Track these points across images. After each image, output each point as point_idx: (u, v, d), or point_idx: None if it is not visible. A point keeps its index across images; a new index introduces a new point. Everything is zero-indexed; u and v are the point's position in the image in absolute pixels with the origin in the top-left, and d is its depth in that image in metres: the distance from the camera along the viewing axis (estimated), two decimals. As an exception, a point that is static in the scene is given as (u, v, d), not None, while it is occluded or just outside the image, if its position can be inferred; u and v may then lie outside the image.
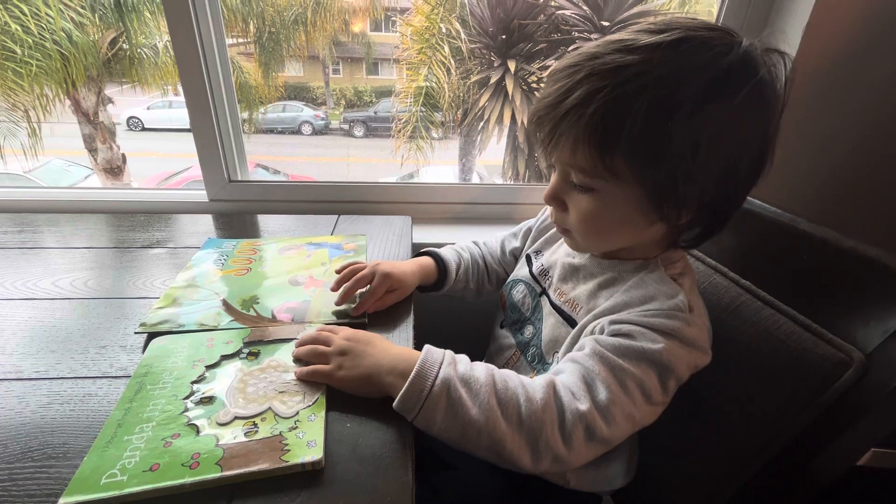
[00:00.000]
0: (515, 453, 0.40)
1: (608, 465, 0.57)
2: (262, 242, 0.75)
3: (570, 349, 0.49)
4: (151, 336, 0.51)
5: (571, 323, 0.52)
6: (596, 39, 0.45)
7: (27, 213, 0.84)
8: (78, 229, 0.78)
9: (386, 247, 0.76)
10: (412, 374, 0.41)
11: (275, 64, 5.62)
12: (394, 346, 0.47)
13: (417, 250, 0.80)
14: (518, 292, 0.63)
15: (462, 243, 0.74)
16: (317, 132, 7.72)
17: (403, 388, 0.40)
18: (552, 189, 0.48)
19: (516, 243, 0.71)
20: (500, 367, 0.60)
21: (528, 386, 0.42)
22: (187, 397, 0.42)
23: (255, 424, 0.40)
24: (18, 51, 3.76)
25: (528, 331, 0.60)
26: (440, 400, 0.40)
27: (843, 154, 0.78)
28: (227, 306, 0.57)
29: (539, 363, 0.56)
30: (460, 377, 0.41)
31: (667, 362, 0.42)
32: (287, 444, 0.38)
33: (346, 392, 0.44)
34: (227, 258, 0.69)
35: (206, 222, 0.84)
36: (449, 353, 0.44)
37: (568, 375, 0.43)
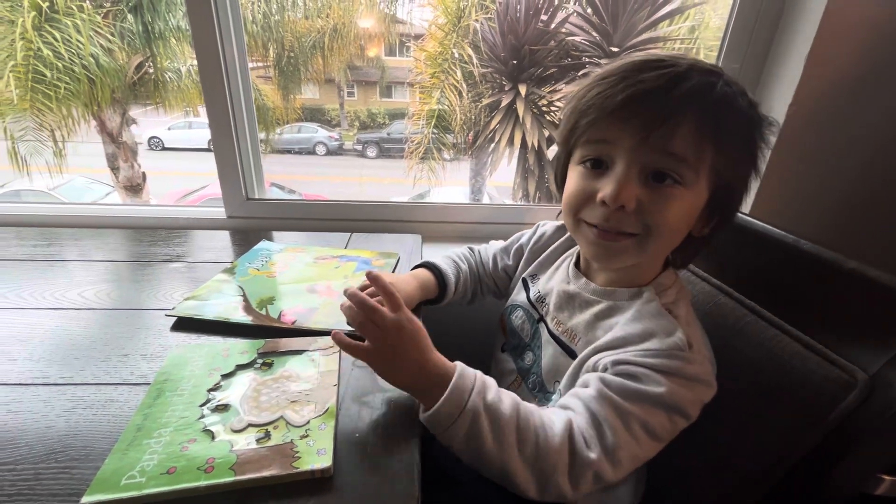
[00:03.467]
0: (523, 486, 0.42)
1: (616, 489, 0.57)
2: (304, 249, 0.80)
3: (571, 382, 0.50)
4: (182, 320, 0.58)
5: (571, 354, 0.52)
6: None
7: (54, 227, 0.88)
8: (102, 243, 0.82)
9: (397, 264, 0.78)
10: (442, 399, 0.41)
11: (293, 87, 5.81)
12: (431, 351, 0.44)
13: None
14: (517, 317, 0.64)
15: (459, 251, 0.74)
16: (331, 152, 7.88)
17: (431, 411, 0.41)
18: (627, 186, 0.43)
19: (508, 261, 0.71)
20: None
21: (548, 427, 0.42)
22: (203, 404, 0.44)
23: (267, 432, 0.41)
24: (48, 74, 3.95)
25: (529, 357, 0.60)
26: (463, 428, 0.41)
27: (846, 176, 0.79)
28: (246, 303, 0.61)
29: (540, 391, 0.57)
30: (486, 408, 0.41)
31: (672, 403, 0.42)
32: (297, 452, 0.39)
33: (373, 370, 0.45)
34: (268, 259, 0.75)
35: (223, 238, 0.87)
36: (479, 377, 0.44)
37: (579, 418, 0.43)
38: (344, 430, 0.43)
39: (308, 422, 0.42)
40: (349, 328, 0.57)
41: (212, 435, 0.40)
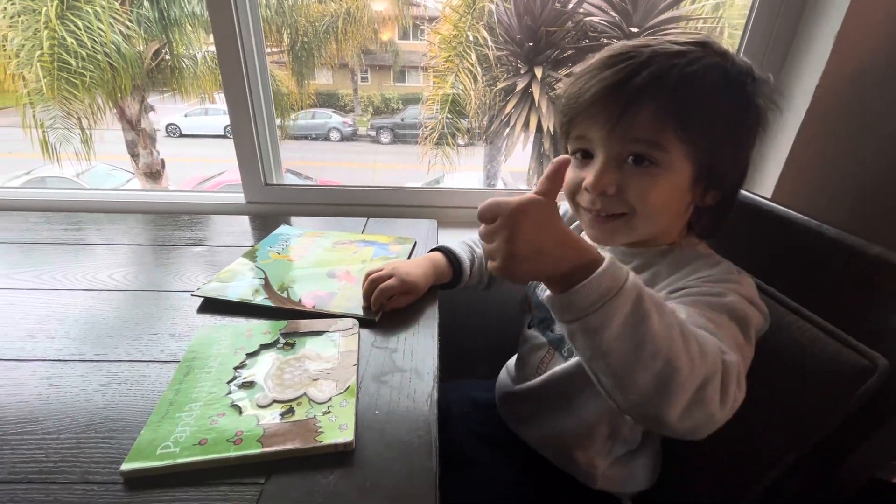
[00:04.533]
0: (679, 392, 0.34)
1: (635, 466, 0.58)
2: (322, 234, 0.81)
3: None
4: (206, 301, 0.60)
5: None
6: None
7: (80, 212, 0.91)
8: (127, 228, 0.84)
9: (413, 249, 0.79)
10: (603, 266, 0.35)
11: (307, 72, 5.80)
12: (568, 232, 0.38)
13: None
14: (542, 290, 0.65)
15: (475, 236, 0.74)
16: (345, 138, 7.88)
17: (589, 279, 0.34)
18: (605, 173, 0.46)
19: None
20: (535, 368, 0.63)
21: (703, 334, 0.38)
22: (230, 381, 0.46)
23: (291, 408, 0.43)
24: (73, 62, 4.02)
25: (559, 327, 0.61)
26: (627, 303, 0.34)
27: (873, 160, 0.76)
28: (267, 286, 0.63)
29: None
30: (648, 293, 0.35)
31: (743, 311, 0.43)
32: (321, 427, 0.40)
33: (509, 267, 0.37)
34: (288, 244, 0.77)
35: (243, 223, 0.90)
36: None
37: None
38: (364, 407, 0.45)
39: (330, 399, 0.44)
40: (365, 316, 0.59)
41: (239, 409, 0.42)
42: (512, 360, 0.73)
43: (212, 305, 0.60)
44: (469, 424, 0.70)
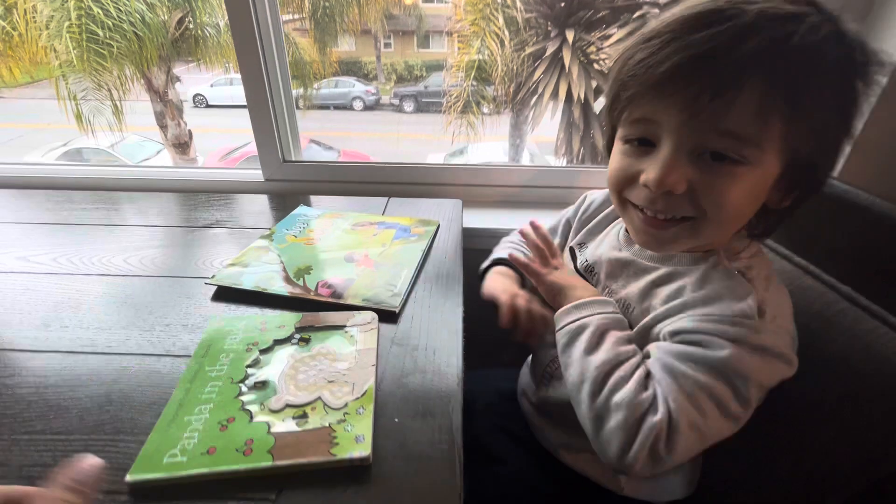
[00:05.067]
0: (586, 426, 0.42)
1: (666, 475, 0.54)
2: (342, 215, 0.78)
3: None
4: (221, 289, 0.58)
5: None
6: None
7: (97, 190, 0.90)
8: (143, 207, 0.82)
9: (437, 232, 0.75)
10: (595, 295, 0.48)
11: (329, 39, 5.66)
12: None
13: (468, 235, 0.78)
14: None
15: (512, 238, 0.70)
16: (367, 108, 7.77)
17: (589, 297, 0.47)
18: (674, 168, 0.37)
19: (557, 240, 0.66)
20: (542, 365, 0.59)
21: (640, 381, 0.40)
22: (242, 381, 0.43)
23: (304, 413, 0.40)
24: (100, 33, 4.03)
25: None
26: (593, 329, 0.44)
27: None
28: (284, 272, 0.60)
29: None
30: (602, 326, 0.44)
31: (738, 369, 0.37)
32: (336, 438, 0.37)
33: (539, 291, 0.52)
34: (305, 226, 0.73)
35: (261, 202, 0.86)
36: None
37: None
38: (382, 414, 0.41)
39: (346, 405, 0.41)
40: (385, 301, 0.55)
41: (250, 415, 0.40)
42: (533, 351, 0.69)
43: (227, 294, 0.58)
44: (493, 418, 0.67)
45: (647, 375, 0.40)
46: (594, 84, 3.97)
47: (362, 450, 0.36)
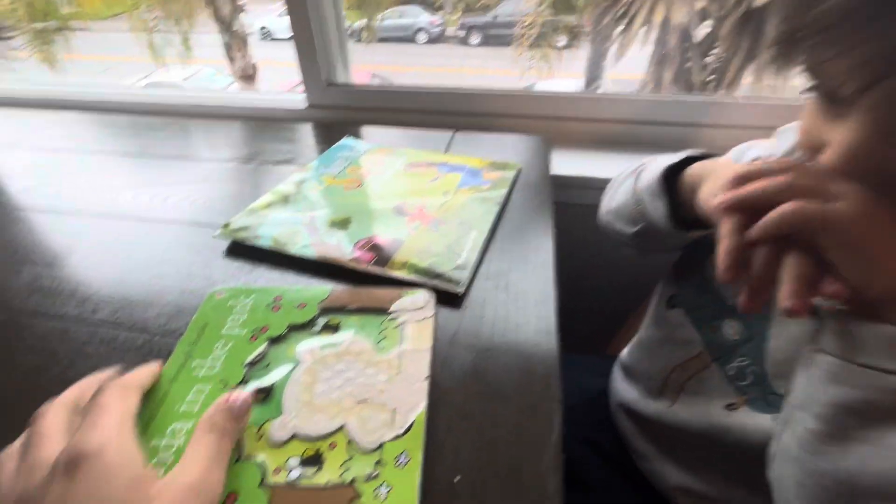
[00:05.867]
0: None
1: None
2: (394, 151, 0.62)
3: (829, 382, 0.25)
4: (235, 245, 0.45)
5: None
6: None
7: (137, 115, 0.79)
8: (171, 135, 0.70)
9: (517, 179, 0.56)
10: None
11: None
12: None
13: (556, 185, 0.59)
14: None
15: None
16: (431, 41, 7.31)
17: None
18: (868, 147, 0.23)
19: None
20: (665, 370, 0.43)
21: None
22: (237, 387, 0.30)
23: (318, 456, 0.26)
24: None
25: (734, 329, 0.38)
26: None
27: None
28: (312, 226, 0.46)
29: (755, 387, 0.36)
30: None
31: None
32: (361, 509, 0.23)
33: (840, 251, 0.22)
34: (348, 164, 0.59)
35: (302, 132, 0.72)
36: None
37: None
38: (436, 464, 0.26)
39: (381, 446, 0.26)
40: (445, 274, 0.39)
41: (239, 448, 0.26)
42: (633, 345, 0.52)
43: (242, 249, 0.44)
44: (578, 427, 0.52)
45: None
46: (697, 4, 3.33)
47: (402, 540, 0.22)
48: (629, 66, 4.15)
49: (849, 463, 0.22)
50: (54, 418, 0.23)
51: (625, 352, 0.54)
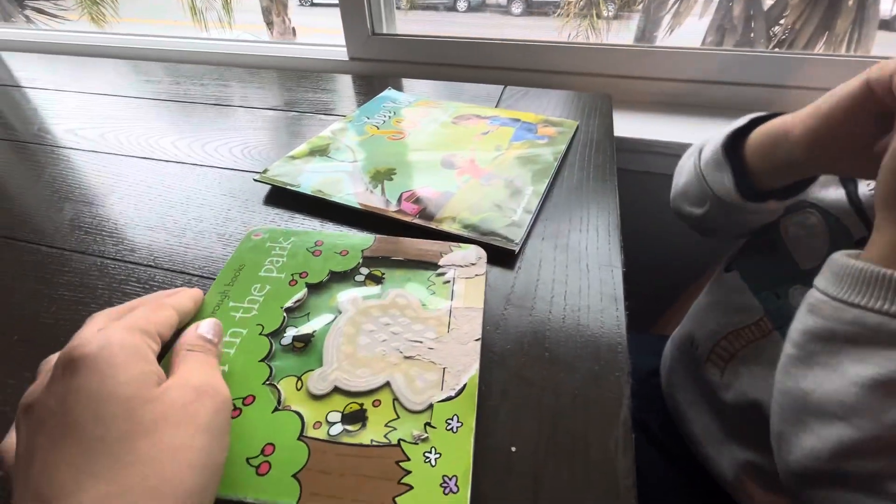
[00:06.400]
0: None
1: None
2: (440, 104, 0.58)
3: None
4: (274, 191, 0.43)
5: None
6: None
7: (175, 62, 0.78)
8: (208, 82, 0.69)
9: (574, 137, 0.51)
10: None
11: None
12: None
13: (620, 148, 0.54)
14: (802, 225, 0.36)
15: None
16: (472, 8, 7.05)
17: None
18: None
19: None
20: (717, 335, 0.41)
21: None
22: (275, 333, 0.27)
23: (361, 411, 0.23)
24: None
25: (798, 294, 0.34)
26: None
27: None
28: (355, 175, 0.43)
29: None
30: None
31: None
32: (408, 473, 0.21)
33: None
34: (392, 115, 0.55)
35: (343, 83, 0.68)
36: None
37: None
38: (488, 431, 0.24)
39: (430, 406, 0.23)
40: (497, 231, 0.35)
41: (278, 396, 0.24)
42: (692, 315, 0.48)
43: (282, 197, 0.42)
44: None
45: None
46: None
47: (454, 510, 0.19)
48: (681, 39, 3.87)
49: (806, 383, 0.25)
50: (89, 325, 0.21)
51: (688, 323, 0.50)
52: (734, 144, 0.36)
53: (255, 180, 0.43)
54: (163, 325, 0.23)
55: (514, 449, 0.23)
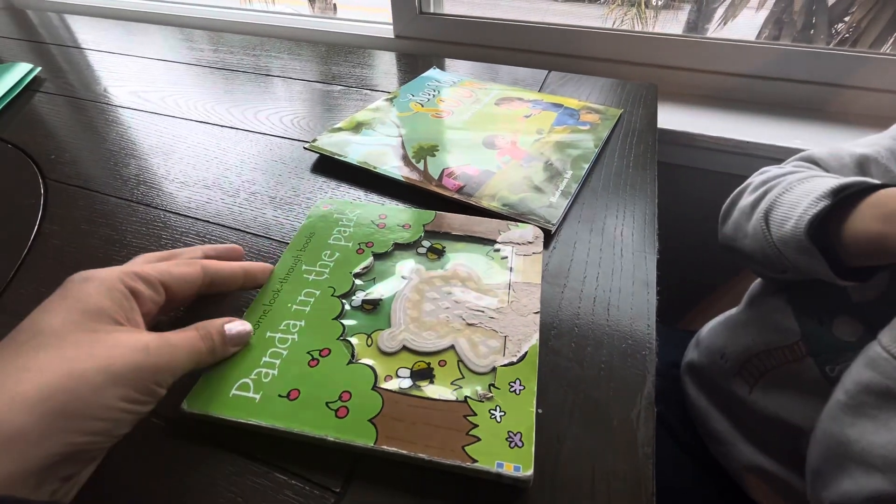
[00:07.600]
0: None
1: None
2: (484, 85, 0.58)
3: None
4: (320, 160, 0.45)
5: None
6: None
7: (222, 32, 0.79)
8: (253, 53, 0.70)
9: (617, 125, 0.51)
10: None
11: None
12: None
13: (662, 140, 0.54)
14: None
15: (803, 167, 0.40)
16: (510, -9, 6.89)
17: None
18: None
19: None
20: (744, 354, 0.41)
21: None
22: (346, 295, 0.29)
23: (429, 369, 0.25)
24: None
25: (847, 328, 0.34)
26: None
27: None
28: (402, 150, 0.45)
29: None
30: None
31: None
32: (475, 426, 0.22)
33: None
34: (436, 93, 0.56)
35: (388, 60, 0.69)
36: None
37: None
38: (547, 401, 0.25)
39: (493, 369, 0.25)
40: (535, 211, 0.36)
41: (351, 350, 0.26)
42: (717, 321, 0.48)
43: (328, 166, 0.44)
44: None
45: None
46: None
47: (520, 462, 0.21)
48: (734, 34, 3.71)
49: (853, 431, 0.26)
50: (130, 261, 0.25)
51: (705, 328, 0.50)
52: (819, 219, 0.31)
53: (305, 149, 0.45)
54: (177, 280, 0.24)
55: (540, 411, 0.24)
